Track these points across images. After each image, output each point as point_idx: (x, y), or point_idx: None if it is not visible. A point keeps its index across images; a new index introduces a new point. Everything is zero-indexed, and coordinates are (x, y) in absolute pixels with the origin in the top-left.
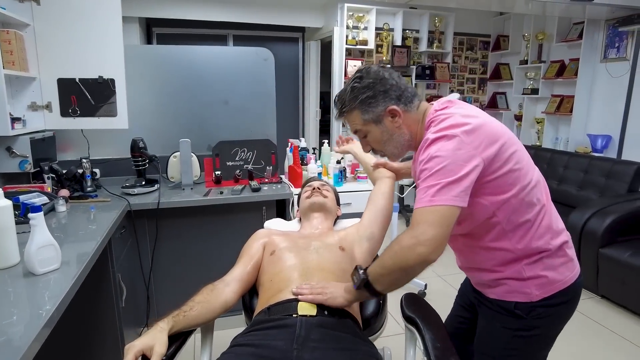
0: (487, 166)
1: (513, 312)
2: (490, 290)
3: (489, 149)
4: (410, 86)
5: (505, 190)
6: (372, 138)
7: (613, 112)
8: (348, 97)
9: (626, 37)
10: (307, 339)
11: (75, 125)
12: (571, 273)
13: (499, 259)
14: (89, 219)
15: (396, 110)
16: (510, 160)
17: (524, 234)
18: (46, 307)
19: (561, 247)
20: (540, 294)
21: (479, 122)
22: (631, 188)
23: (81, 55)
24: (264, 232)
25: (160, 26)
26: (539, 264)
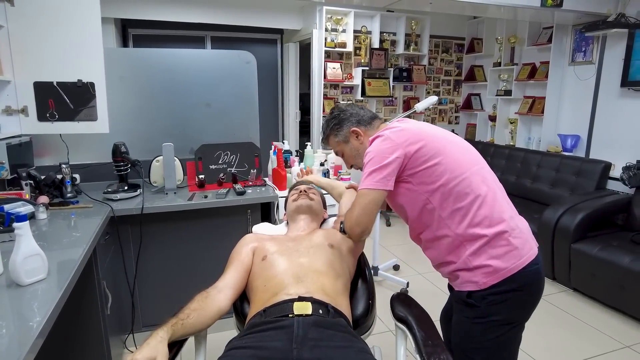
0: (412, 158)
1: (466, 302)
2: (453, 283)
3: (412, 145)
4: (370, 112)
5: (433, 180)
6: (346, 155)
7: (581, 113)
8: (324, 128)
9: (592, 41)
10: (306, 338)
11: (53, 130)
12: (518, 261)
13: (446, 247)
14: (71, 226)
15: (357, 131)
16: (435, 156)
17: (460, 220)
18: (36, 319)
19: (500, 235)
20: (487, 282)
21: (407, 126)
22: (599, 185)
23: (59, 58)
24: (251, 236)
25: (136, 27)
26: (481, 253)
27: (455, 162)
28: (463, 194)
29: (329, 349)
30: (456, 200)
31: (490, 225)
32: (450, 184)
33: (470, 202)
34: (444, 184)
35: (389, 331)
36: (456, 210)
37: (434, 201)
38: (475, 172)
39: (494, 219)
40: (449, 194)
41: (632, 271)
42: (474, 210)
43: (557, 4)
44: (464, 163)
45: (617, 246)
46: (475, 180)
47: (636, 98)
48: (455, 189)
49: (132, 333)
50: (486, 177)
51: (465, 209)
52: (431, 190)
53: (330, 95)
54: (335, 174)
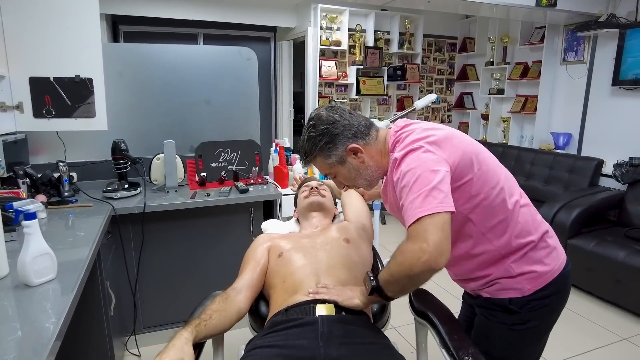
0: (454, 172)
1: (507, 308)
2: (484, 291)
3: (454, 155)
4: (364, 118)
5: (473, 194)
6: (342, 177)
7: (573, 111)
8: (308, 147)
9: (583, 41)
10: (331, 336)
11: (49, 127)
12: (558, 261)
13: (485, 263)
14: (72, 225)
15: (357, 148)
16: (475, 165)
17: (502, 233)
18: (52, 320)
19: (542, 238)
20: (532, 288)
21: (440, 133)
22: (592, 182)
23: (55, 53)
24: (265, 236)
25: (127, 24)
26: (525, 259)
27: (490, 170)
28: (503, 204)
29: (356, 346)
30: (498, 213)
31: (532, 231)
32: (491, 196)
33: (510, 212)
34: (485, 198)
35: (392, 328)
36: (498, 224)
37: (475, 217)
38: (506, 177)
39: (533, 223)
40: (490, 206)
41: (627, 265)
42: (514, 219)
43: (552, 4)
44: (495, 168)
45: (612, 241)
46: (509, 185)
47: (627, 96)
48: (495, 200)
49: (134, 334)
50: (513, 179)
51: (507, 220)
52: (472, 206)
53: (325, 93)
54: None
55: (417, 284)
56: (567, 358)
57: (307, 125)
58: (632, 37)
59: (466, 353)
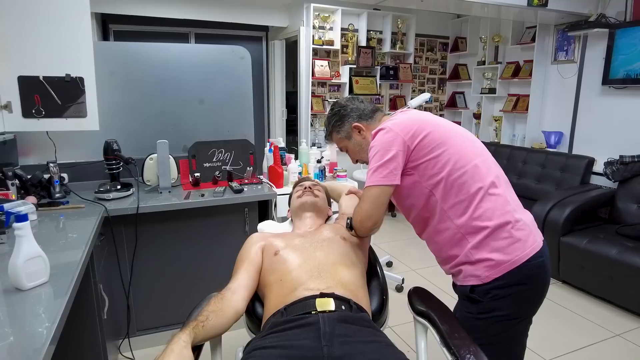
0: (415, 150)
1: (470, 296)
2: (455, 278)
3: (416, 136)
4: (372, 105)
5: (437, 171)
6: (350, 150)
7: (564, 110)
8: (327, 124)
9: (574, 41)
10: (333, 334)
11: (39, 127)
12: (521, 253)
13: (448, 240)
14: (64, 227)
15: (359, 126)
16: (439, 146)
17: (462, 212)
18: (45, 324)
19: (502, 227)
20: (489, 276)
21: (408, 116)
22: (583, 180)
23: (45, 52)
24: (258, 235)
25: (117, 23)
26: (483, 246)
27: (459, 152)
28: (466, 186)
29: (359, 344)
30: (459, 192)
31: (492, 218)
32: (453, 175)
33: (472, 194)
34: (447, 176)
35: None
36: (458, 203)
37: (437, 193)
38: (479, 163)
39: (497, 211)
40: (451, 185)
41: (619, 262)
42: (476, 202)
43: (543, 4)
44: (467, 154)
45: (604, 238)
46: (478, 172)
47: (616, 95)
48: (457, 181)
49: (128, 337)
50: (491, 169)
51: (468, 201)
52: (434, 182)
53: (317, 93)
54: (331, 171)
55: (366, 232)
56: (561, 355)
57: (329, 111)
58: (622, 36)
59: (468, 351)
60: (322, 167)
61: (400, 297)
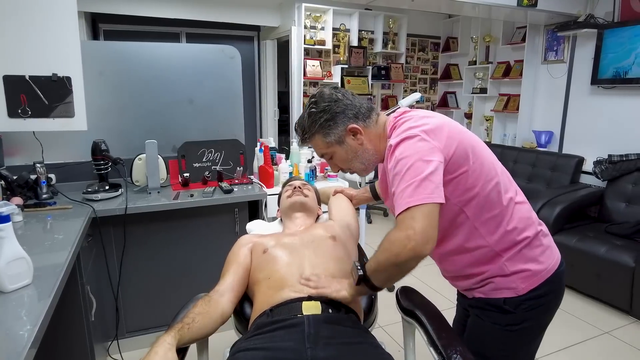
0: (449, 163)
1: (502, 308)
2: (478, 290)
3: (449, 146)
4: (366, 102)
5: (469, 187)
6: (338, 158)
7: (554, 109)
8: (307, 124)
9: (563, 41)
10: (318, 336)
11: (25, 127)
12: (552, 260)
13: (479, 259)
14: (51, 228)
15: (356, 128)
16: (471, 157)
17: (496, 227)
18: (27, 327)
19: (536, 236)
20: (526, 287)
21: (436, 121)
22: (573, 179)
23: (31, 51)
24: (247, 237)
25: (107, 22)
26: (519, 257)
27: (487, 163)
28: (498, 199)
29: (343, 346)
30: (492, 207)
31: (527, 228)
32: (487, 190)
33: (505, 207)
34: (480, 191)
35: (379, 327)
36: (491, 218)
37: (469, 211)
38: (502, 172)
39: (528, 221)
40: (485, 201)
41: (607, 260)
42: (508, 214)
43: (532, 4)
44: (492, 162)
45: (593, 237)
46: (504, 181)
47: (605, 95)
48: (490, 195)
49: (117, 339)
50: (510, 176)
51: (501, 215)
52: (468, 198)
53: (309, 93)
54: (322, 171)
55: (404, 271)
56: (551, 352)
57: (308, 103)
58: (610, 37)
59: (454, 351)
60: (313, 167)
61: (392, 296)
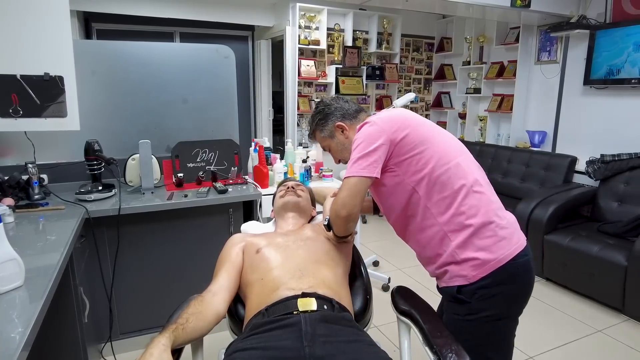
0: (398, 146)
1: (457, 297)
2: (440, 280)
3: (399, 132)
4: (356, 105)
5: (419, 168)
6: (333, 150)
7: (547, 110)
8: (310, 123)
9: (556, 42)
10: (315, 335)
11: (17, 127)
12: (506, 252)
13: (432, 238)
14: (43, 229)
15: (342, 125)
16: (422, 144)
17: (445, 209)
18: (18, 330)
19: (487, 225)
20: (476, 275)
21: (394, 113)
22: (566, 179)
23: (23, 50)
24: (239, 236)
25: (100, 21)
26: (468, 245)
27: (442, 150)
28: (449, 182)
29: (341, 344)
30: (442, 189)
31: (477, 215)
32: (437, 172)
33: (455, 191)
34: (430, 172)
35: (374, 327)
36: (441, 199)
37: (420, 190)
38: (461, 162)
39: (480, 209)
40: (434, 182)
41: (600, 259)
42: (459, 199)
43: (526, 5)
44: (450, 152)
45: (586, 236)
46: (461, 169)
47: (597, 95)
48: (441, 178)
49: (110, 341)
50: (472, 168)
51: (451, 197)
52: (418, 179)
53: (304, 93)
54: (317, 171)
55: (341, 225)
56: (544, 351)
57: (314, 109)
58: (602, 37)
59: (450, 350)
60: (308, 167)
61: (387, 296)
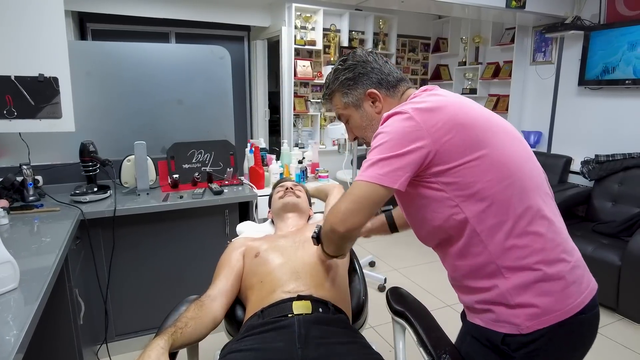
0: (443, 151)
1: (498, 348)
2: (475, 316)
3: (446, 130)
4: (398, 72)
5: (469, 181)
6: (353, 123)
7: (542, 110)
8: (330, 79)
9: (551, 42)
10: (308, 337)
11: (11, 128)
12: (574, 301)
13: (477, 268)
14: (38, 231)
15: (376, 94)
16: (478, 147)
17: (503, 238)
18: (13, 332)
19: (554, 265)
20: (531, 326)
21: (440, 100)
22: (561, 179)
23: (17, 51)
24: (239, 240)
25: (95, 22)
26: (530, 288)
27: (503, 157)
28: (510, 203)
29: (334, 346)
30: (500, 212)
31: (542, 251)
32: (494, 188)
33: (518, 216)
34: (484, 188)
35: (370, 327)
36: (497, 225)
37: (467, 210)
38: (527, 173)
39: (547, 243)
40: (491, 201)
41: (594, 259)
42: (522, 226)
43: (521, 5)
44: (513, 158)
45: (581, 236)
46: (527, 185)
47: (592, 96)
48: (499, 196)
49: (106, 343)
50: (538, 182)
51: (512, 223)
52: (466, 195)
53: (300, 93)
54: (313, 172)
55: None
56: None
57: (338, 60)
58: (596, 38)
59: (443, 351)
60: (304, 167)
61: (383, 296)
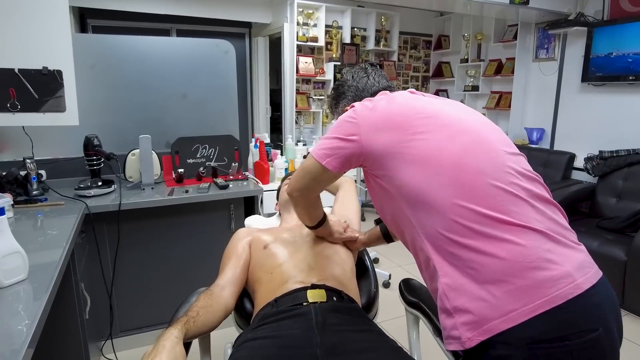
0: (373, 146)
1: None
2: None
3: (379, 130)
4: (380, 83)
5: (396, 175)
6: None
7: (545, 107)
8: (330, 97)
9: (554, 39)
10: (326, 324)
11: (15, 122)
12: (531, 303)
13: (424, 265)
14: (42, 225)
15: None
16: (406, 144)
17: (435, 230)
18: (25, 322)
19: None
20: (472, 338)
21: (387, 105)
22: (565, 175)
23: (21, 43)
24: (245, 230)
25: (96, 17)
26: (463, 287)
27: (430, 152)
28: (437, 197)
29: (352, 333)
30: (426, 206)
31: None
32: (419, 184)
33: (447, 210)
34: (409, 183)
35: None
36: (428, 218)
37: (402, 202)
38: (465, 168)
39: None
40: (416, 195)
41: (600, 255)
42: (452, 221)
43: (524, 2)
44: (444, 155)
45: (585, 232)
46: (465, 180)
47: (595, 92)
48: (425, 190)
49: (111, 338)
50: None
51: (442, 216)
52: (396, 186)
53: (302, 90)
54: None
55: (295, 209)
56: None
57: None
58: (599, 35)
59: None
60: None
61: (388, 293)
